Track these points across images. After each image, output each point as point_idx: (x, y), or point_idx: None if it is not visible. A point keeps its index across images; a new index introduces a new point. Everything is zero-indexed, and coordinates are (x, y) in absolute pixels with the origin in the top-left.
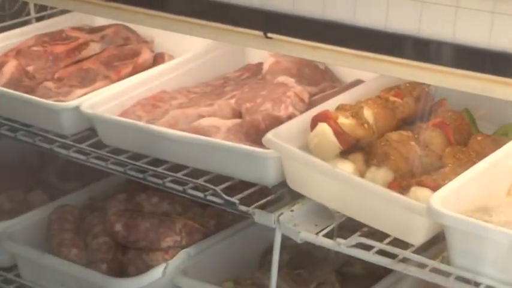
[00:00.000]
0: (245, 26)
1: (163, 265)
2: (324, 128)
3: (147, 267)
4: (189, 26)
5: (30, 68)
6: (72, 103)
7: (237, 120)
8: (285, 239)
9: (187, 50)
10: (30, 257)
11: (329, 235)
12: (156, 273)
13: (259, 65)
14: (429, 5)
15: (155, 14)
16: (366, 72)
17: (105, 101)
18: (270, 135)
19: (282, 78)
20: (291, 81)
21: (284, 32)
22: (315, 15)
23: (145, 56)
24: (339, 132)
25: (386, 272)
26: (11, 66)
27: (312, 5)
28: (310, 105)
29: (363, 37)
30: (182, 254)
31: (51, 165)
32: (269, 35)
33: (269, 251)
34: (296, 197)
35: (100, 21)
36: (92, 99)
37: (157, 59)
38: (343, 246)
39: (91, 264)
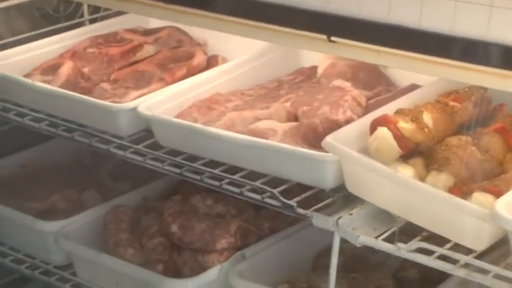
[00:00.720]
0: (308, 30)
1: (218, 266)
2: (384, 132)
3: (202, 268)
4: (249, 29)
5: (85, 70)
6: (129, 104)
7: (294, 124)
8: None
9: (239, 52)
10: (87, 256)
11: (388, 239)
12: (211, 274)
13: (313, 68)
14: (498, 9)
15: (213, 16)
16: (421, 77)
17: (162, 102)
18: (329, 139)
19: (338, 82)
20: (347, 85)
21: (348, 35)
22: (380, 19)
23: (200, 58)
24: (398, 137)
25: (441, 277)
26: (67, 68)
27: (377, 9)
28: (367, 109)
29: (428, 41)
30: (237, 256)
31: (104, 166)
32: (332, 38)
33: (323, 254)
34: (354, 200)
35: (153, 23)
36: (148, 100)
37: (211, 61)
38: (403, 250)
39: (147, 265)
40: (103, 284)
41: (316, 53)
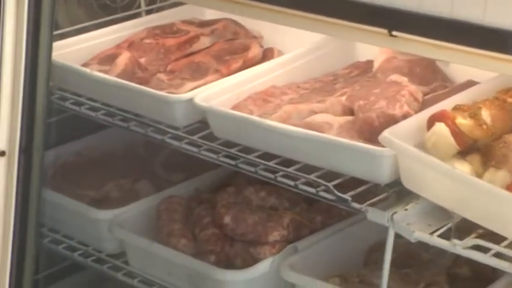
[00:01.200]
0: (369, 24)
1: (270, 259)
2: (441, 128)
3: (254, 260)
4: (309, 22)
5: (142, 60)
6: (186, 95)
7: (349, 118)
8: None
9: (295, 45)
10: (139, 244)
11: (443, 236)
12: (263, 266)
13: (369, 62)
14: None
15: (270, 8)
16: (477, 73)
17: (218, 94)
18: (386, 133)
19: (394, 77)
20: (404, 80)
21: (409, 30)
22: (443, 14)
23: (255, 50)
24: (456, 133)
25: (494, 275)
26: (124, 58)
27: (440, 4)
28: (423, 104)
29: (490, 37)
30: (289, 249)
31: (157, 156)
32: (394, 33)
33: (374, 249)
34: (409, 196)
35: (208, 15)
36: (204, 92)
37: (267, 54)
38: (459, 247)
39: (199, 255)
40: (155, 274)
41: (371, 47)
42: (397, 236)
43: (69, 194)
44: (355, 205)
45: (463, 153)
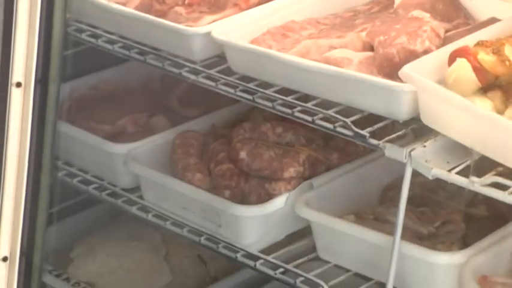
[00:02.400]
0: None
1: (285, 195)
2: (463, 63)
3: (268, 196)
4: None
5: None
6: (203, 28)
7: (369, 53)
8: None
9: None
10: (154, 179)
11: (462, 173)
12: (279, 202)
13: None
14: None
15: None
16: (500, 10)
17: (236, 28)
18: (407, 69)
19: (416, 13)
20: (425, 15)
21: None
22: None
23: None
24: (478, 69)
25: (511, 215)
26: None
27: None
28: (445, 41)
29: None
30: (304, 185)
31: (173, 92)
32: None
33: (390, 187)
34: (427, 133)
35: None
36: (223, 25)
37: None
38: (477, 184)
39: (214, 190)
40: (169, 208)
41: None
42: (414, 175)
43: (84, 128)
44: (373, 141)
45: (485, 89)
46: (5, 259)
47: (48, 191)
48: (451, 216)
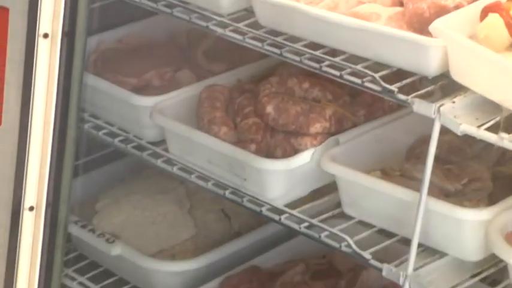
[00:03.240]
0: None
1: (311, 150)
2: (495, 18)
3: (294, 151)
4: None
5: None
6: None
7: (398, 8)
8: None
9: None
10: (180, 132)
11: (491, 129)
12: (305, 157)
13: None
14: None
15: None
16: None
17: None
18: (437, 24)
19: None
20: None
21: None
22: None
23: None
24: (510, 24)
25: None
26: None
27: None
28: None
29: None
30: (330, 141)
31: (200, 46)
32: None
33: (417, 145)
34: (457, 89)
35: None
36: None
37: None
38: (506, 141)
39: (240, 144)
40: (194, 161)
41: None
42: (442, 133)
43: (110, 81)
44: (401, 96)
45: None
46: (31, 209)
47: (74, 143)
48: (478, 174)
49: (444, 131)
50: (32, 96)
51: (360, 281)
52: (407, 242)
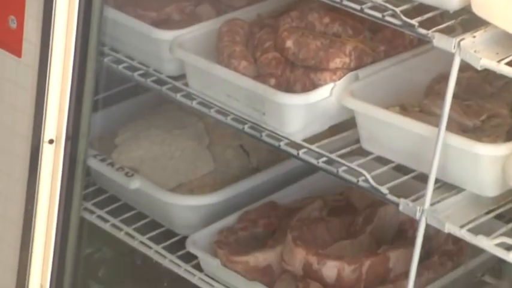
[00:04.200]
0: None
1: (331, 85)
2: None
3: (313, 86)
4: None
5: None
6: None
7: None
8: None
9: None
10: (200, 65)
11: (511, 64)
12: (324, 92)
13: None
14: None
15: None
16: None
17: None
18: None
19: None
20: None
21: None
22: None
23: None
24: None
25: None
26: None
27: None
28: None
29: None
30: (350, 76)
31: None
32: None
33: (437, 81)
34: (478, 24)
35: None
36: None
37: None
38: None
39: (259, 78)
40: (214, 96)
41: None
42: (462, 70)
43: (130, 15)
44: (422, 30)
45: None
46: (51, 141)
47: (93, 76)
48: (497, 110)
49: (464, 67)
50: (52, 29)
51: (377, 218)
52: (424, 179)
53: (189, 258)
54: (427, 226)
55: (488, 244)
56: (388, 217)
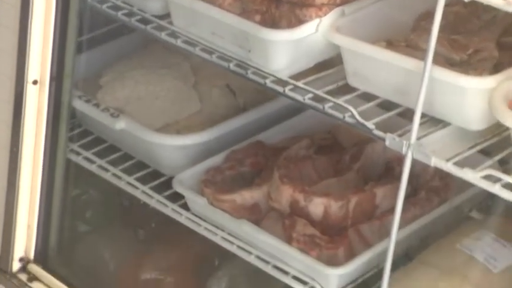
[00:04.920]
0: None
1: (316, 20)
2: None
3: (299, 22)
4: None
5: None
6: None
7: None
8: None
9: None
10: (184, 3)
11: None
12: (310, 28)
13: None
14: None
15: None
16: None
17: None
18: None
19: None
20: None
21: None
22: None
23: None
24: None
25: None
26: None
27: None
28: None
29: None
30: (336, 12)
31: None
32: None
33: (424, 17)
34: None
35: None
36: None
37: None
38: None
39: (244, 14)
40: (199, 34)
41: None
42: (449, 4)
43: None
44: None
45: None
46: (35, 82)
47: (77, 15)
48: (484, 44)
49: (452, 2)
50: None
51: (364, 156)
52: (410, 116)
53: (176, 198)
54: (414, 162)
55: (475, 177)
56: (375, 155)
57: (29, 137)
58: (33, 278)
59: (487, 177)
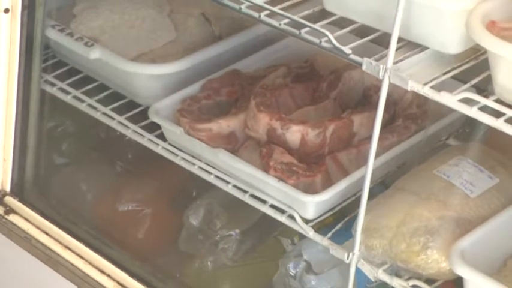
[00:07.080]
0: None
1: None
2: None
3: None
4: None
5: None
6: None
7: None
8: None
9: None
10: None
11: None
12: None
13: None
14: None
15: None
16: None
17: None
18: None
19: None
20: None
21: None
22: None
23: None
24: None
25: None
26: None
27: None
28: None
29: None
30: None
31: None
32: None
33: None
34: None
35: None
36: None
37: None
38: None
39: None
40: None
41: None
42: None
43: None
44: None
45: None
46: (6, 11)
47: None
48: None
49: None
50: None
51: (342, 83)
52: (387, 43)
53: (152, 128)
54: (391, 90)
55: (452, 100)
56: (352, 83)
57: (1, 68)
58: (10, 210)
59: (464, 100)
